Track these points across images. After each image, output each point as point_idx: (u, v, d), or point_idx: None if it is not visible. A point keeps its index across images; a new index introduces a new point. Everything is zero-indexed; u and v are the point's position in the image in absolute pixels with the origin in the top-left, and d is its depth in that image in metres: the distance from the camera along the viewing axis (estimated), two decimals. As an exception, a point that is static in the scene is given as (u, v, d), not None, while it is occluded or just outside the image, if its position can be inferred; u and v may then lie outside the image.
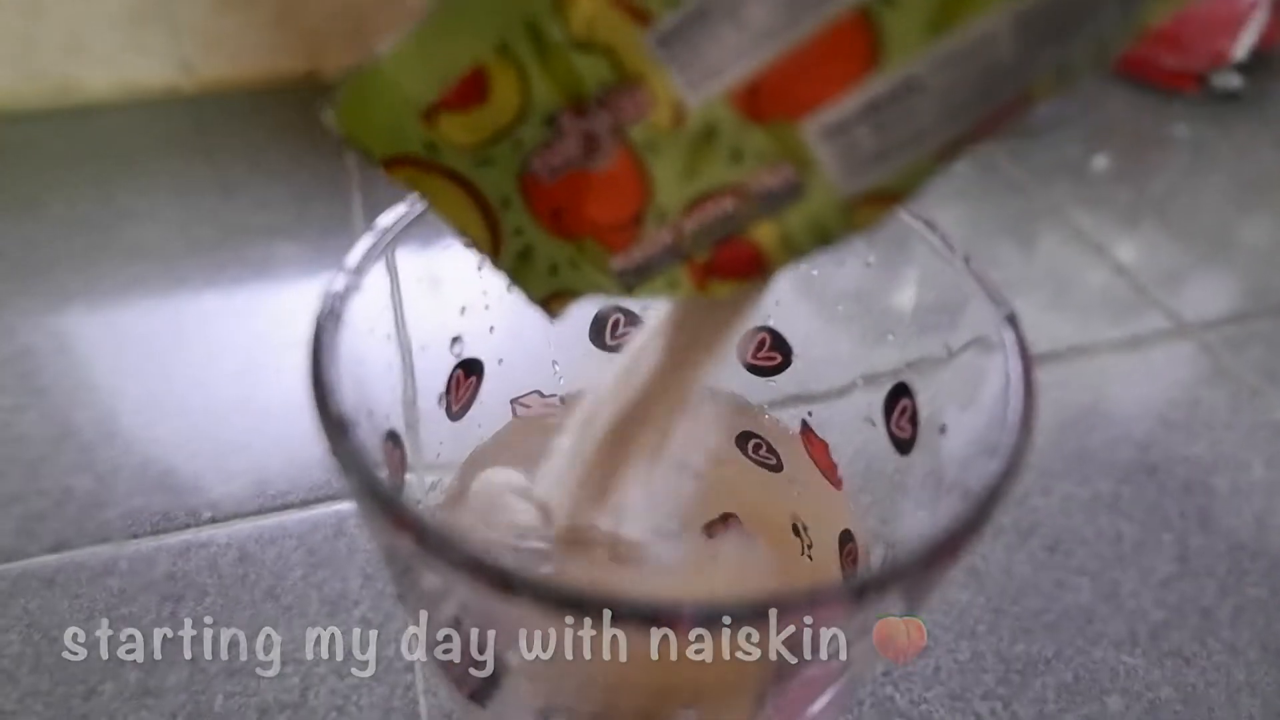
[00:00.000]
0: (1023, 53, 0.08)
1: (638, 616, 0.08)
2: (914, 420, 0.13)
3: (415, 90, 0.10)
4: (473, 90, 0.10)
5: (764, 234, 0.10)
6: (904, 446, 0.13)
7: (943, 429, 0.12)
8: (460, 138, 0.10)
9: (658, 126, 0.10)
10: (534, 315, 0.13)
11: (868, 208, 0.09)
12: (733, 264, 0.10)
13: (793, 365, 0.16)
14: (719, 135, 0.09)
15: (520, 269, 0.11)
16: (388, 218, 0.12)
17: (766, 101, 0.09)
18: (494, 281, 0.15)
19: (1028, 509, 0.26)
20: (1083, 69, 0.08)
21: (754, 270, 0.10)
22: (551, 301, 0.12)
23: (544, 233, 0.11)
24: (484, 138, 0.10)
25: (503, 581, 0.08)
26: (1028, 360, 0.11)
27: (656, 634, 0.08)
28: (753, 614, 0.08)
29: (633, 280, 0.11)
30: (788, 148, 0.09)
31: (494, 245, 0.11)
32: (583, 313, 0.16)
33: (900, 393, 0.14)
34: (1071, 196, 0.40)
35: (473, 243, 0.11)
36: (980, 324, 0.12)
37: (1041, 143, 0.43)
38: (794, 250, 0.10)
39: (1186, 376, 0.31)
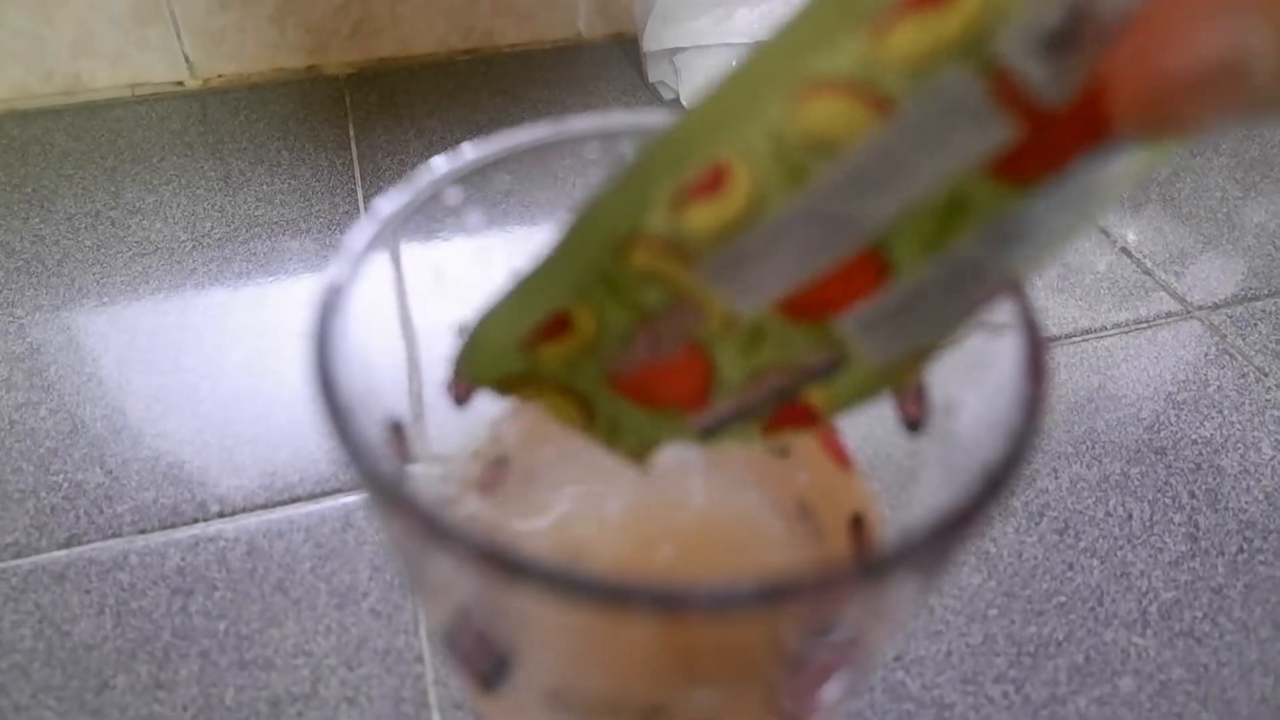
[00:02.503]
0: (996, 254, 0.10)
1: (649, 602, 0.08)
2: (924, 401, 0.13)
3: (512, 334, 0.12)
4: (558, 327, 0.12)
5: (816, 396, 0.12)
6: (914, 427, 0.13)
7: (953, 410, 0.12)
8: (553, 358, 0.13)
9: (714, 328, 0.12)
10: None
11: (899, 369, 0.11)
12: (792, 419, 0.12)
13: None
14: (767, 331, 0.12)
15: (613, 436, 0.14)
16: (388, 204, 0.12)
17: (802, 308, 0.11)
18: (498, 268, 0.15)
19: (1037, 491, 0.26)
20: (1051, 251, 0.10)
21: (810, 423, 0.12)
22: (643, 453, 0.14)
23: (630, 407, 0.13)
24: (572, 355, 0.13)
25: (510, 569, 0.08)
26: (1038, 339, 0.11)
27: (667, 619, 0.08)
28: (765, 597, 0.08)
29: (709, 433, 0.13)
30: (826, 338, 0.11)
31: (589, 423, 0.14)
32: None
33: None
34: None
35: (573, 424, 0.14)
36: (997, 314, 0.12)
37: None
38: (841, 406, 0.12)
39: (1194, 357, 0.31)
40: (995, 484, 0.09)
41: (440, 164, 0.13)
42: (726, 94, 0.10)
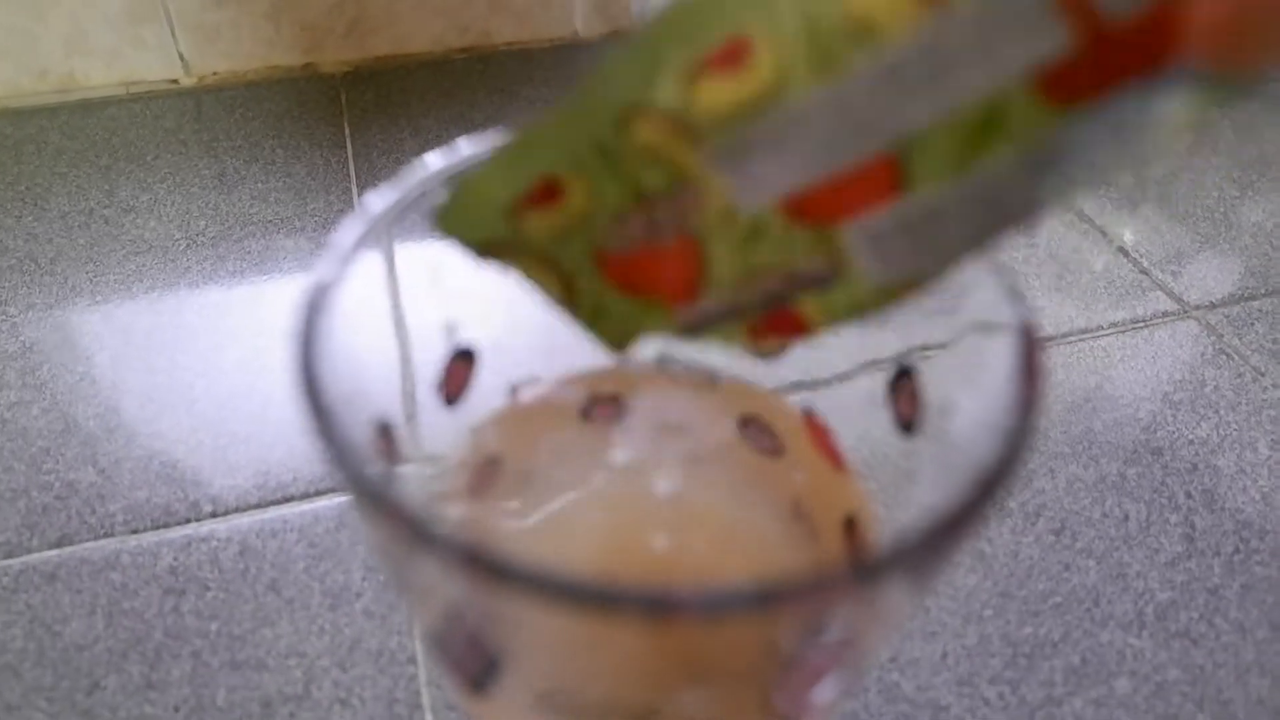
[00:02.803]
0: (1023, 180, 0.09)
1: (638, 607, 0.08)
2: (919, 402, 0.13)
3: (498, 194, 0.12)
4: (547, 194, 0.11)
5: (808, 306, 0.12)
6: (909, 428, 0.13)
7: (948, 410, 0.12)
8: (539, 228, 0.12)
9: (711, 220, 0.11)
10: (530, 299, 0.13)
11: (898, 291, 0.11)
12: (780, 326, 0.12)
13: (795, 349, 0.16)
14: (766, 230, 0.11)
15: (595, 320, 0.13)
16: (379, 201, 0.12)
17: (807, 210, 0.10)
18: (492, 267, 0.15)
19: (1034, 491, 0.26)
20: (1077, 187, 0.09)
21: (798, 333, 0.12)
22: (623, 342, 0.13)
23: (614, 293, 0.13)
24: (559, 228, 0.12)
25: (497, 574, 0.08)
26: (1033, 340, 0.11)
27: (657, 624, 0.08)
28: (756, 601, 0.08)
29: (693, 329, 0.13)
30: (826, 245, 0.11)
31: (571, 302, 0.13)
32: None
33: (904, 374, 0.13)
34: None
35: (554, 300, 0.13)
36: (985, 304, 0.12)
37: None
38: (834, 320, 0.11)
39: (1191, 357, 0.31)
40: (989, 485, 0.08)
41: (433, 161, 0.13)
42: None
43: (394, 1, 0.45)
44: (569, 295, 0.13)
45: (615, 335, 0.13)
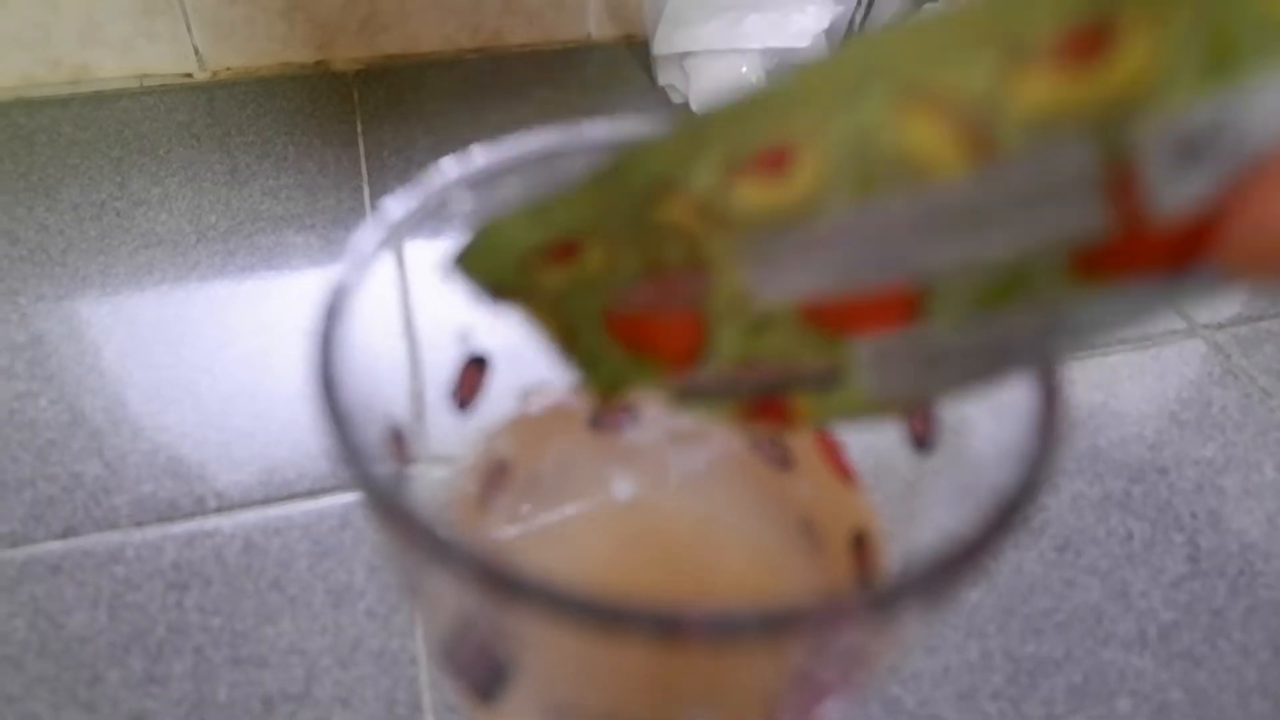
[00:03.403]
0: (1034, 337, 0.09)
1: (647, 626, 0.08)
2: (933, 419, 0.13)
3: (520, 243, 0.12)
4: (566, 251, 0.12)
5: (801, 402, 0.12)
6: (923, 445, 0.13)
7: (964, 430, 0.12)
8: (552, 280, 0.12)
9: (723, 302, 0.11)
10: None
11: (890, 406, 0.11)
12: (769, 414, 0.12)
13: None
14: (775, 324, 0.11)
15: (590, 367, 0.13)
16: (396, 207, 0.12)
17: (820, 317, 0.11)
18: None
19: (1038, 507, 0.26)
20: (1082, 347, 0.09)
21: (785, 425, 0.12)
22: (612, 393, 0.14)
23: (612, 347, 0.13)
24: (572, 283, 0.12)
25: (508, 587, 0.08)
26: (1054, 369, 0.11)
27: (666, 643, 0.08)
28: (766, 624, 0.08)
29: (684, 397, 0.13)
30: (832, 351, 0.11)
31: (569, 347, 0.13)
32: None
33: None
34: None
35: (553, 343, 0.13)
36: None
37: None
38: (822, 420, 0.12)
39: (1198, 377, 0.31)
40: (1008, 513, 0.08)
41: (450, 167, 0.13)
42: (824, 74, 0.09)
43: (407, 1, 0.45)
44: (569, 342, 0.13)
45: (606, 384, 0.13)
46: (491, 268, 0.12)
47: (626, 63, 0.47)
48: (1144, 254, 0.08)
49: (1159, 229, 0.08)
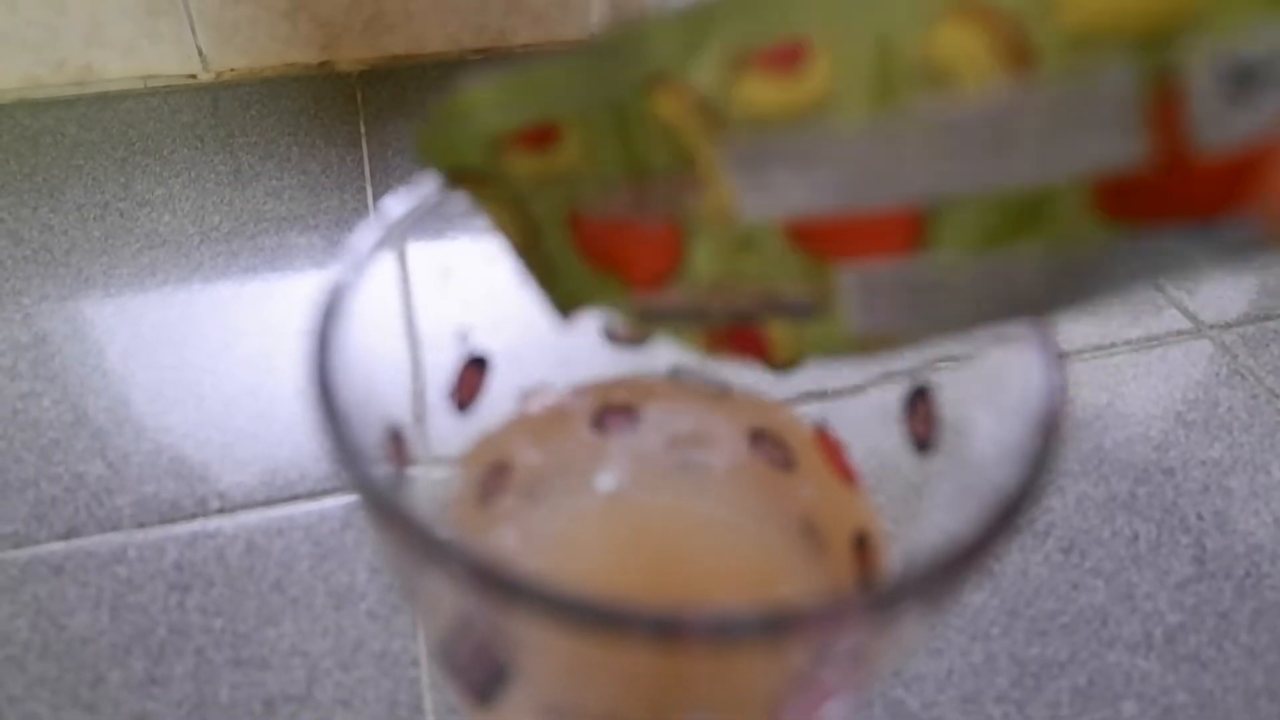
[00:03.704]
0: (1045, 284, 0.09)
1: (647, 628, 0.08)
2: (934, 420, 0.13)
3: (489, 123, 0.11)
4: (541, 137, 0.11)
5: (778, 332, 0.11)
6: (924, 447, 0.13)
7: (965, 430, 0.12)
8: (521, 170, 0.11)
9: (705, 216, 0.10)
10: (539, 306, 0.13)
11: (874, 344, 0.10)
12: (742, 344, 0.11)
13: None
14: (759, 245, 0.10)
15: (549, 278, 0.12)
16: (397, 205, 0.12)
17: (810, 238, 0.10)
18: (505, 272, 0.15)
19: (1043, 509, 0.26)
20: (1101, 299, 0.09)
21: (758, 356, 0.11)
22: (570, 308, 0.12)
23: (576, 258, 0.12)
24: (542, 175, 0.11)
25: (506, 590, 0.08)
26: (1055, 361, 0.11)
27: (666, 646, 0.08)
28: (767, 627, 0.08)
29: (649, 319, 0.12)
30: (817, 278, 0.10)
31: (529, 253, 0.12)
32: (594, 306, 0.16)
33: (920, 391, 0.13)
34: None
35: (511, 246, 0.12)
36: (1011, 330, 0.12)
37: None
38: (800, 354, 0.11)
39: (1204, 377, 0.30)
40: (1009, 512, 0.08)
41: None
42: None
43: (410, 1, 0.45)
44: (529, 245, 0.12)
45: (565, 299, 0.12)
46: (455, 148, 0.11)
47: (630, 63, 0.47)
48: (1178, 194, 0.08)
49: (1199, 167, 0.07)
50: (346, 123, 0.42)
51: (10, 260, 0.34)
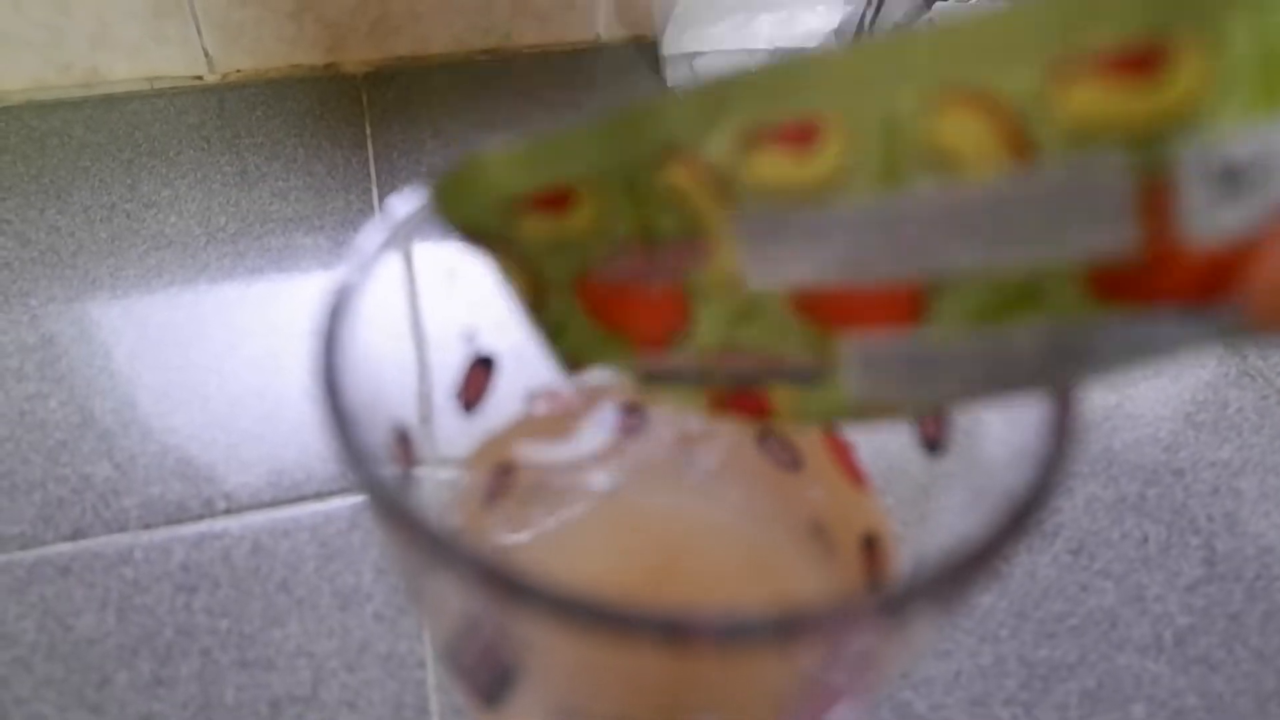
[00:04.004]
0: (1040, 360, 0.09)
1: (655, 629, 0.08)
2: (944, 421, 0.13)
3: (506, 184, 0.11)
4: (555, 202, 0.11)
5: (780, 397, 0.11)
6: (934, 447, 0.13)
7: (976, 431, 0.12)
8: (533, 233, 0.11)
9: (712, 282, 0.11)
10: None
11: (874, 411, 0.10)
12: (744, 407, 0.11)
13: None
14: (763, 312, 0.10)
15: (556, 334, 0.13)
16: (402, 206, 0.12)
17: (814, 308, 0.10)
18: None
19: (1052, 510, 0.26)
20: (1092, 378, 0.09)
21: (760, 418, 0.11)
22: (576, 366, 0.13)
23: (583, 317, 0.12)
24: (555, 238, 0.11)
25: (514, 592, 0.08)
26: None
27: (674, 648, 0.08)
28: (777, 629, 0.08)
29: (652, 381, 0.12)
30: (820, 347, 0.10)
31: (537, 308, 0.12)
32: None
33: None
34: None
35: (520, 301, 0.12)
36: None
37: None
38: (799, 418, 0.11)
39: (1213, 378, 0.30)
40: (1019, 516, 0.08)
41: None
42: (865, 57, 0.08)
43: (416, 2, 0.45)
44: (538, 302, 0.12)
45: (571, 356, 0.13)
46: (472, 207, 0.11)
47: (636, 64, 0.47)
48: (1168, 281, 0.08)
49: (1188, 257, 0.08)
50: (352, 124, 0.42)
51: (17, 262, 0.34)
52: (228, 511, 0.26)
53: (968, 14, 0.08)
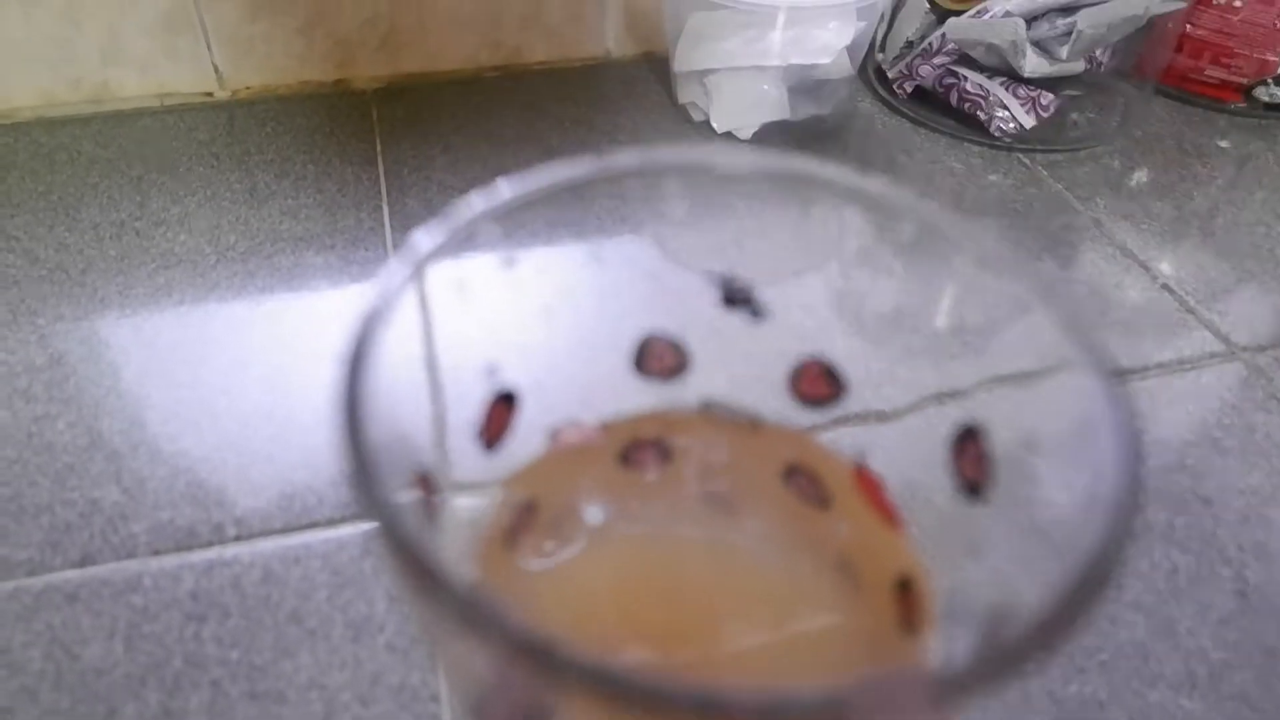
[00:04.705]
0: None
1: (692, 705, 0.07)
2: (986, 461, 0.12)
3: None
4: None
5: None
6: (975, 491, 0.13)
7: (1021, 475, 0.12)
8: None
9: None
10: (572, 341, 0.12)
11: None
12: None
13: (847, 397, 0.15)
14: None
15: None
16: (424, 241, 0.12)
17: None
18: (531, 305, 0.14)
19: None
20: None
21: None
22: None
23: None
24: None
25: (545, 661, 0.07)
26: (1124, 398, 0.10)
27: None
28: (816, 711, 0.07)
29: None
30: None
31: None
32: (626, 339, 0.16)
33: (970, 430, 0.13)
34: (1112, 211, 0.39)
35: None
36: (1060, 353, 0.11)
37: (1081, 156, 0.42)
38: None
39: (1239, 401, 0.30)
40: (1097, 576, 0.08)
41: (478, 200, 0.13)
42: None
43: (426, 18, 0.45)
44: None
45: None
46: None
47: (646, 79, 0.47)
48: None
49: None
50: (362, 140, 0.42)
51: (26, 280, 0.33)
52: (238, 538, 0.25)
53: None
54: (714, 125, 0.42)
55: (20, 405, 0.29)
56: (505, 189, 0.13)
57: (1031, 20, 0.39)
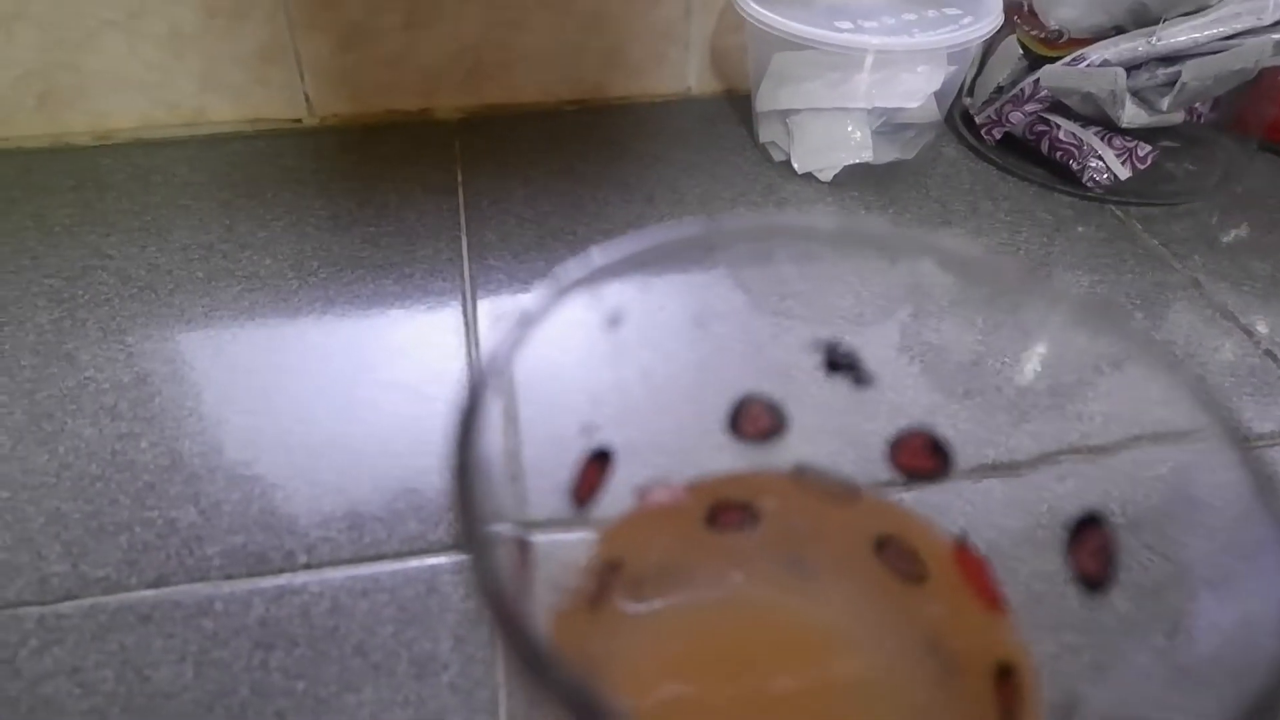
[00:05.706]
0: None
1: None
2: (1108, 554, 0.12)
3: None
4: None
5: None
6: (1095, 586, 0.12)
7: (1149, 567, 0.11)
8: None
9: None
10: (668, 400, 0.12)
11: None
12: None
13: (952, 471, 0.15)
14: None
15: None
16: (532, 303, 0.12)
17: None
18: (631, 365, 0.14)
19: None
20: None
21: None
22: None
23: None
24: None
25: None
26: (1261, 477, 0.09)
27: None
28: None
29: None
30: None
31: None
32: (723, 399, 0.15)
33: (1091, 519, 0.12)
34: (1210, 270, 0.37)
35: None
36: (1200, 430, 0.10)
37: (1178, 211, 0.40)
38: None
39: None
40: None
41: (581, 262, 0.12)
42: None
43: (510, 52, 0.45)
44: None
45: None
46: None
47: (726, 117, 0.46)
48: None
49: None
50: (444, 170, 0.42)
51: (117, 298, 0.34)
52: (308, 566, 0.25)
53: None
54: (795, 166, 0.42)
55: (106, 422, 0.29)
56: (611, 249, 0.12)
57: (1131, 69, 0.38)
